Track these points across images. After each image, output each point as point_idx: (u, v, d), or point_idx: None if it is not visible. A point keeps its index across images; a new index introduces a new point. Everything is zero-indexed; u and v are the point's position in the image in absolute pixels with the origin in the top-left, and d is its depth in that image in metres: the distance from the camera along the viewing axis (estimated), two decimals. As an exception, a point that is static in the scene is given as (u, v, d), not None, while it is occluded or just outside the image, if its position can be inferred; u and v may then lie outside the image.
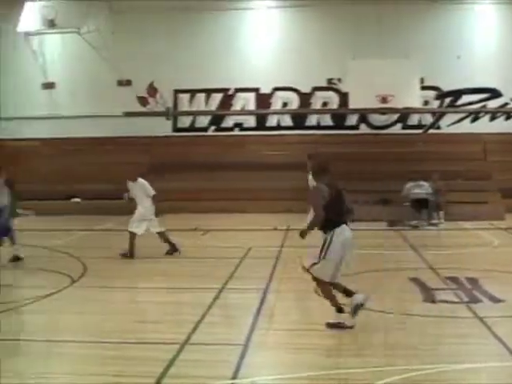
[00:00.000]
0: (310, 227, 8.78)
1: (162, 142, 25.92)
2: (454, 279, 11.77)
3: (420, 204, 21.01)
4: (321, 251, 8.67)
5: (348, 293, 8.84)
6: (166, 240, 15.12)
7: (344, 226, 8.79)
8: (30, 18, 26.05)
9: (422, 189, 21.33)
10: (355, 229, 9.11)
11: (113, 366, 7.46)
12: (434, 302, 10.22)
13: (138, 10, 25.72)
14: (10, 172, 15.07)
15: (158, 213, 15.04)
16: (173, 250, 15.06)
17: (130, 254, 14.62)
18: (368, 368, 7.20)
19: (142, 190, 15.07)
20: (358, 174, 23.24)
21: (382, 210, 21.83)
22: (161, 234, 15.17)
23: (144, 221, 14.89)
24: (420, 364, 7.26)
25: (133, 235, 14.77)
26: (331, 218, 8.64)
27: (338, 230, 8.68)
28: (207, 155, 25.41)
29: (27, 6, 26.09)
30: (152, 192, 15.03)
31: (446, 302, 10.20)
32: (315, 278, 8.84)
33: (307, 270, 8.89)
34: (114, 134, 26.29)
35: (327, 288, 8.86)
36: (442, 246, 17.42)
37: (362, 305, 8.70)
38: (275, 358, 8.00)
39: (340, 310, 8.76)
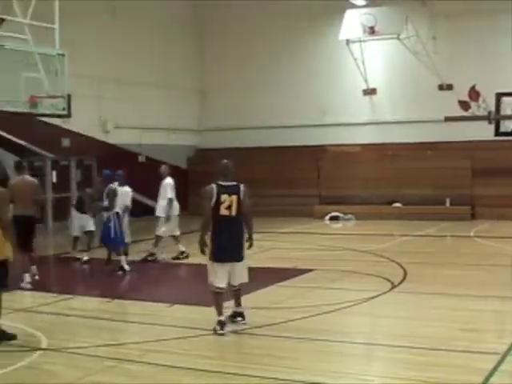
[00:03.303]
0: None
1: (484, 146, 25.16)
2: None
3: None
4: None
5: None
6: None
7: None
8: (351, 26, 26.73)
9: None
10: None
11: (430, 372, 7.44)
12: None
13: (458, 12, 25.25)
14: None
15: None
16: None
17: None
18: None
19: None
20: None
21: None
22: None
23: None
24: None
25: None
26: None
27: None
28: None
29: (348, 14, 26.82)
30: None
31: None
32: None
33: None
34: (434, 139, 26.04)
35: None
36: None
37: None
38: None
39: None
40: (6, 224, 8.96)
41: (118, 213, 14.74)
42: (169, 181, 16.10)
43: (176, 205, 16.21)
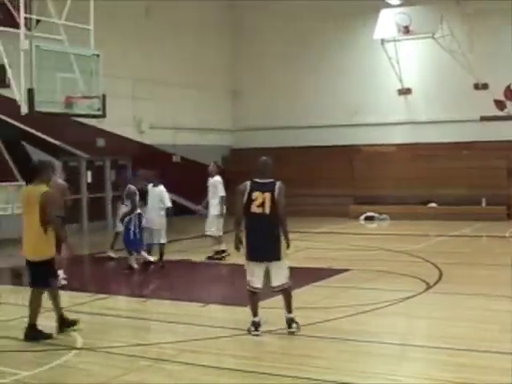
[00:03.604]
0: None
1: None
2: None
3: None
4: None
5: None
6: None
7: None
8: (385, 26, 26.61)
9: None
10: None
11: (460, 373, 7.40)
12: None
13: (493, 10, 24.91)
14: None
15: None
16: None
17: None
18: None
19: None
20: None
21: None
22: None
23: None
24: None
25: None
26: None
27: None
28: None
29: (383, 13, 26.70)
30: None
31: None
32: None
33: None
34: (470, 138, 25.83)
35: None
36: None
37: None
38: None
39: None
40: (52, 222, 9.06)
41: (140, 214, 14.76)
42: (218, 179, 15.95)
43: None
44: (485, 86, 26.13)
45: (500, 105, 26.15)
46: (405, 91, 27.57)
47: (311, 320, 9.75)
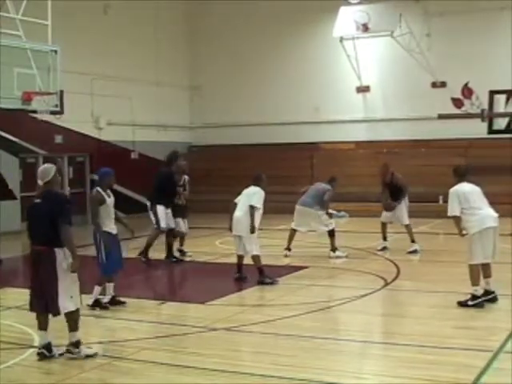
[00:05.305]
0: None
1: (477, 144, 25.19)
2: None
3: None
4: None
5: None
6: None
7: None
8: (344, 23, 26.72)
9: None
10: None
11: (425, 370, 7.43)
12: None
13: (452, 10, 25.29)
14: None
15: None
16: None
17: None
18: None
19: None
20: None
21: None
22: None
23: None
24: None
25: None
26: None
27: None
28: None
29: (342, 11, 26.83)
30: None
31: None
32: None
33: None
34: (427, 136, 26.08)
35: None
36: None
37: None
38: None
39: None
40: None
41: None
42: None
43: None
44: (443, 84, 26.39)
45: (457, 103, 26.42)
46: (363, 89, 27.72)
47: (270, 317, 9.78)
